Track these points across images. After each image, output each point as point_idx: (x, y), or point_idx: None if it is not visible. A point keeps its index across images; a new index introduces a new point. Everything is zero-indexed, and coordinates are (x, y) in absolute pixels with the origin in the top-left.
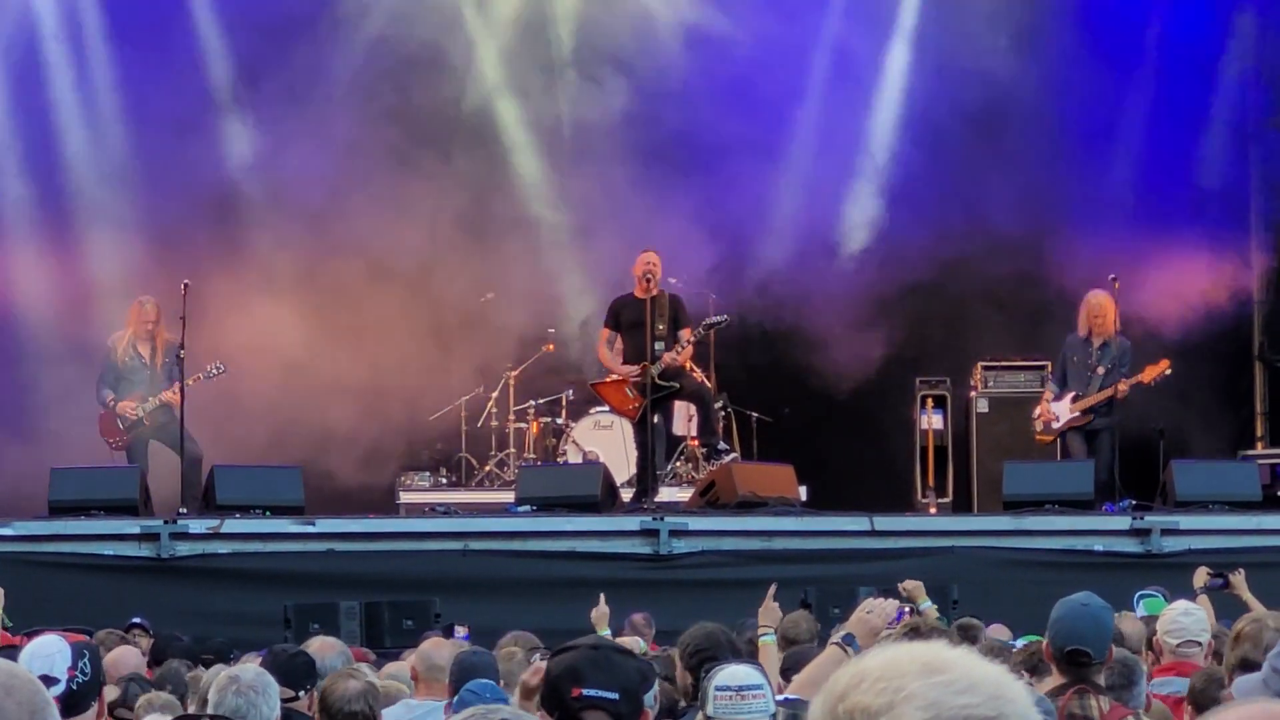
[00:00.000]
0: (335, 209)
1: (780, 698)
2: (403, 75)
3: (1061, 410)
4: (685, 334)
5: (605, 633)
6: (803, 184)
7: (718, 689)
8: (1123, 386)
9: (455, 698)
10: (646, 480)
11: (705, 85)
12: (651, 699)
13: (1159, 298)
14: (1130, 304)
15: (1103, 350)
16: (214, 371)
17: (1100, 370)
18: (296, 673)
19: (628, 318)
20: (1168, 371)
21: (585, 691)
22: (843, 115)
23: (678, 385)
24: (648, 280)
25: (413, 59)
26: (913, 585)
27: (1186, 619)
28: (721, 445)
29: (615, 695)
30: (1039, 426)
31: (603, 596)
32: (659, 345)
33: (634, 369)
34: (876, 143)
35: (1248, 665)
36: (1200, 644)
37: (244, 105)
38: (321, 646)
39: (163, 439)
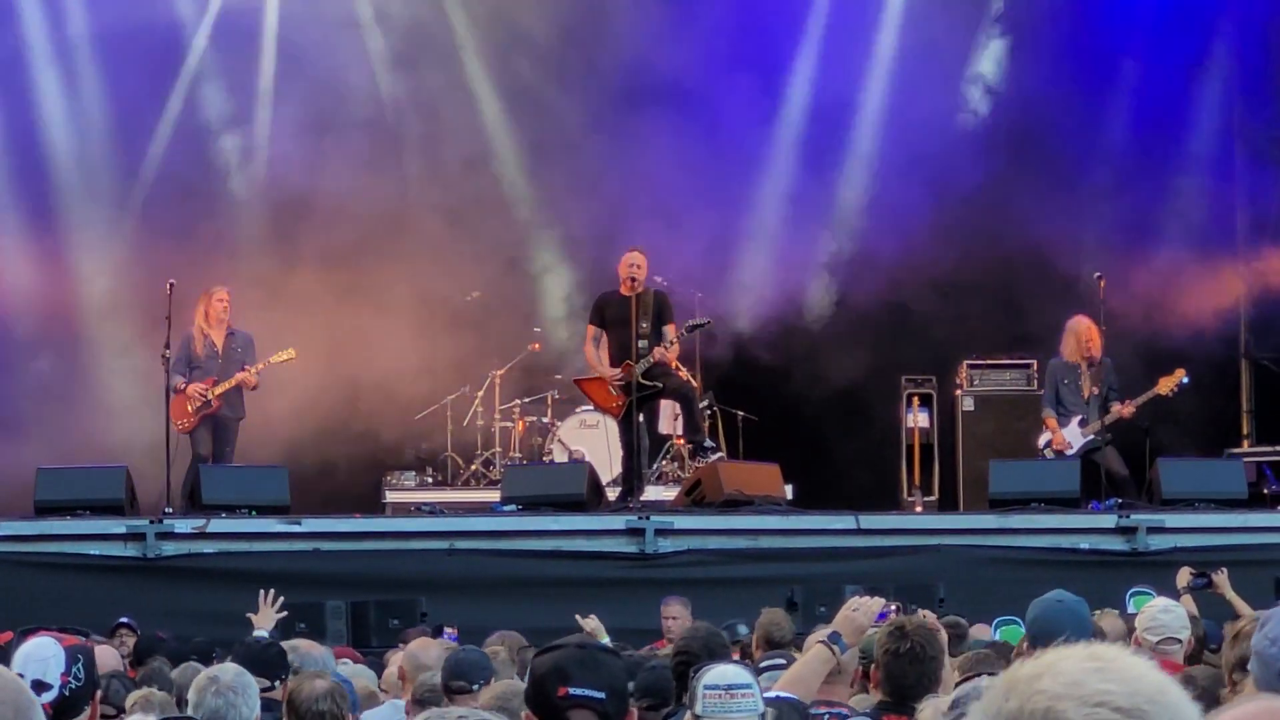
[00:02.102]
0: (320, 206)
1: (770, 695)
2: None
3: (1074, 437)
4: (670, 330)
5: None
6: (791, 183)
7: (706, 688)
8: (1128, 410)
9: None
10: (632, 479)
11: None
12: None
13: (1146, 296)
14: (1116, 302)
15: (1092, 372)
16: (284, 358)
17: (1095, 391)
18: (270, 663)
19: (612, 315)
20: (1185, 380)
21: (572, 690)
22: (833, 111)
23: (660, 385)
24: (632, 280)
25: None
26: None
27: (1166, 616)
28: (708, 444)
29: (602, 694)
30: (1049, 455)
31: (587, 618)
32: (643, 343)
33: (617, 372)
34: (865, 141)
35: (1248, 664)
36: (1180, 640)
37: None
38: (309, 649)
39: (223, 429)
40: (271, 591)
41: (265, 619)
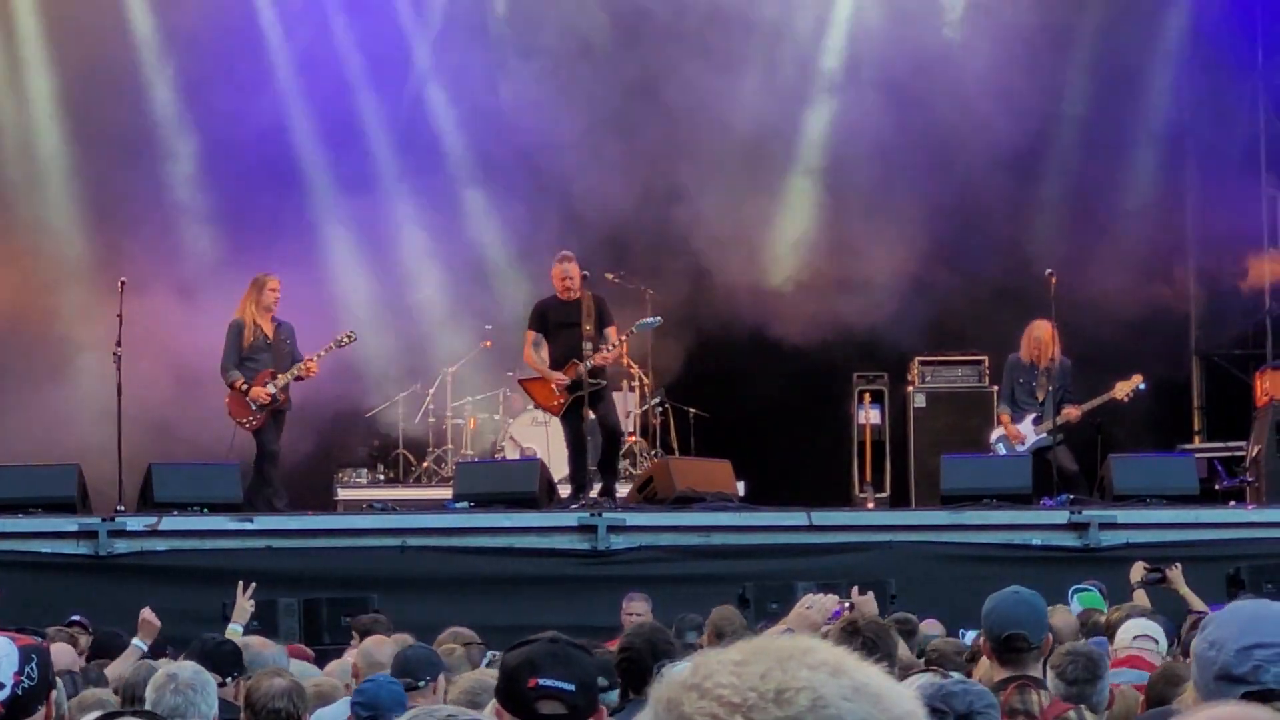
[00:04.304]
0: (273, 201)
1: None
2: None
3: (1028, 432)
4: (612, 333)
5: None
6: (741, 171)
7: None
8: (1075, 414)
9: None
10: (580, 478)
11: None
12: (616, 696)
13: (1097, 293)
14: (1068, 298)
15: (1046, 374)
16: (345, 341)
17: (1051, 389)
18: (223, 661)
19: (554, 319)
20: (1141, 385)
21: (542, 682)
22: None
23: (604, 382)
24: (567, 290)
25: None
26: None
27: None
28: (613, 489)
29: (571, 686)
30: (1002, 449)
31: None
32: (587, 345)
33: (562, 377)
34: (816, 130)
35: None
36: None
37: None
38: (261, 647)
39: (280, 421)
40: (253, 585)
41: (241, 613)
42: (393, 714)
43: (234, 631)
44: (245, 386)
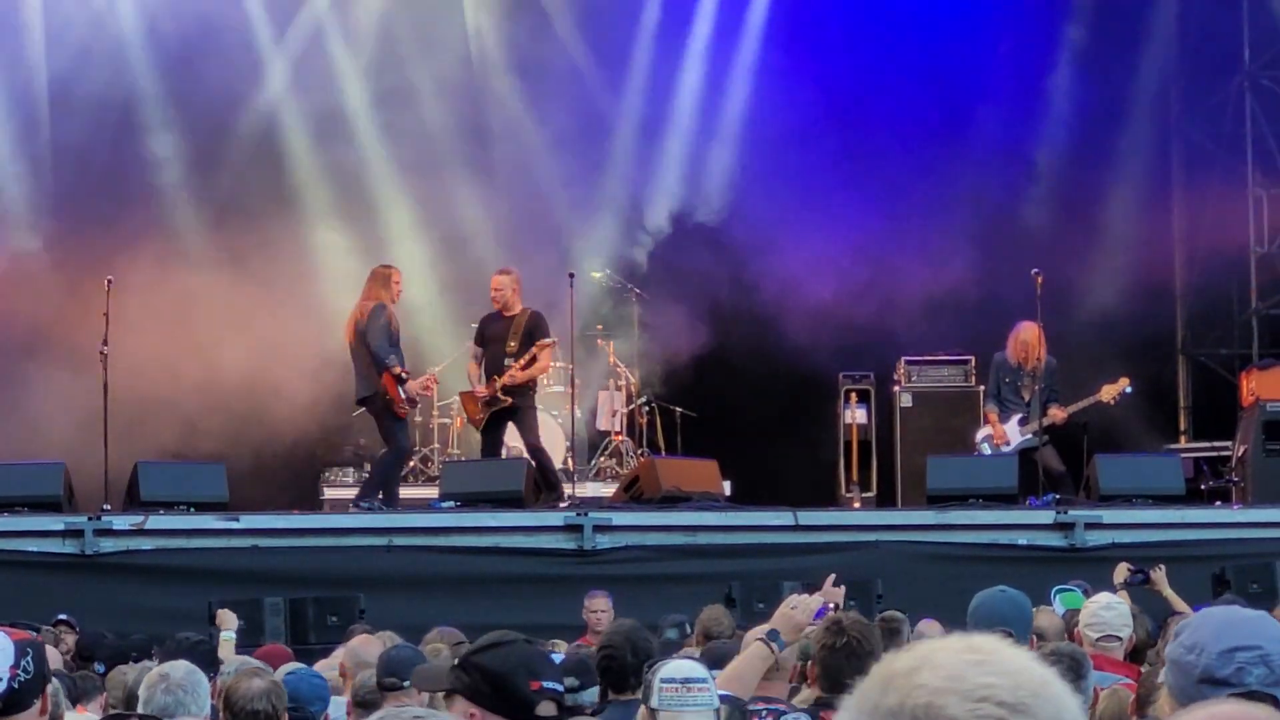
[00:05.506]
0: (257, 203)
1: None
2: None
3: (1013, 433)
4: (541, 349)
5: None
6: (729, 170)
7: (663, 681)
8: (1061, 415)
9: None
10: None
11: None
12: (593, 696)
13: (1084, 293)
14: (1055, 298)
15: (1032, 375)
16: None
17: (1036, 389)
18: (197, 660)
19: (489, 334)
20: (1128, 389)
21: (545, 684)
22: (766, 98)
23: (509, 400)
24: (495, 303)
25: None
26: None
27: (1108, 613)
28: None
29: (563, 688)
30: (986, 449)
31: None
32: (508, 361)
33: (482, 389)
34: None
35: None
36: (1120, 639)
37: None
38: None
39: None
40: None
41: (228, 620)
42: (312, 706)
43: (227, 639)
44: (405, 375)
